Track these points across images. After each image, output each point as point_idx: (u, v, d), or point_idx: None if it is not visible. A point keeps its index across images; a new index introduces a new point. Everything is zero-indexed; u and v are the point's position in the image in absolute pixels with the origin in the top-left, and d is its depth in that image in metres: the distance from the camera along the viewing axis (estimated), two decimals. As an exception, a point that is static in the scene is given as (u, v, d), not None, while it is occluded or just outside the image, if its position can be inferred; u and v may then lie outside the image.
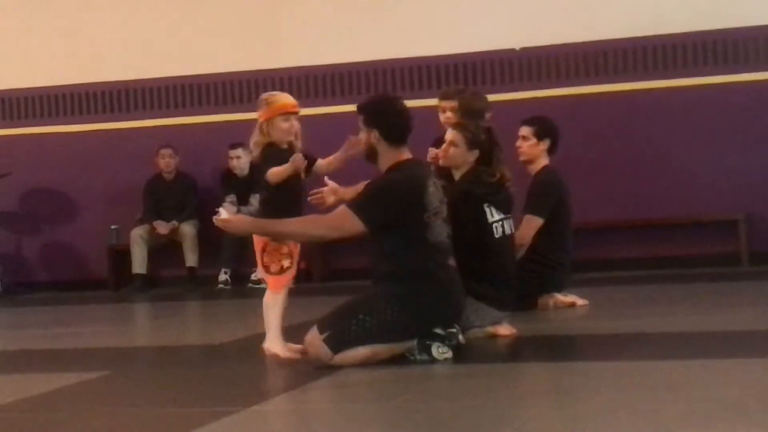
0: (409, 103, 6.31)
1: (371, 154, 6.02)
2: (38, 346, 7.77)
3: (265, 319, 6.22)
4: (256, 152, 6.28)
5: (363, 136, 6.03)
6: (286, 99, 6.30)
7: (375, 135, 5.95)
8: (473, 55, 11.66)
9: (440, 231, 5.94)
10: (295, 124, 6.28)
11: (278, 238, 6.08)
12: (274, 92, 6.47)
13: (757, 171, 11.08)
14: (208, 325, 9.31)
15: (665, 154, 11.27)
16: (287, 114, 6.23)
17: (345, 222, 5.87)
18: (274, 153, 6.19)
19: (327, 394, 5.47)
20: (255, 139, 6.25)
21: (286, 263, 6.18)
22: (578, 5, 11.55)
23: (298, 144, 6.32)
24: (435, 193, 5.96)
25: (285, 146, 6.24)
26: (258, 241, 6.23)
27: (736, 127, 11.14)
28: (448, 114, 7.80)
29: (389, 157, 5.98)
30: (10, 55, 12.82)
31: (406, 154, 6.01)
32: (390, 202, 5.85)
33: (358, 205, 5.89)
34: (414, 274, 5.82)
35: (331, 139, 12.10)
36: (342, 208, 5.94)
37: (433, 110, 8.06)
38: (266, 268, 6.21)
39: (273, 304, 6.20)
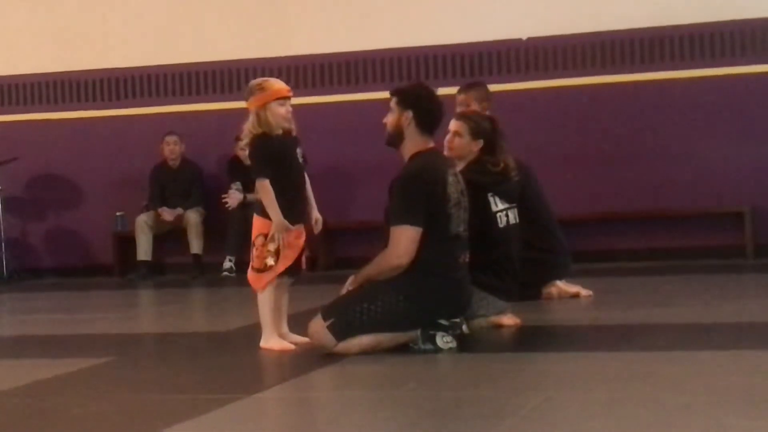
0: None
1: (397, 137, 6.00)
2: (43, 332, 7.79)
3: (260, 317, 6.23)
4: (246, 141, 6.22)
5: (392, 118, 6.01)
6: (280, 84, 6.24)
7: (408, 117, 5.95)
8: (480, 45, 11.65)
9: (459, 223, 5.96)
10: (290, 110, 6.23)
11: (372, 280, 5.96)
12: (265, 78, 6.40)
13: (763, 164, 11.07)
14: (212, 313, 9.32)
15: (671, 145, 11.26)
16: (283, 99, 6.19)
17: (404, 240, 5.79)
18: (262, 147, 6.12)
19: (331, 382, 5.48)
20: (249, 126, 6.16)
21: (270, 261, 6.09)
22: (585, -4, 11.55)
23: (293, 128, 6.27)
24: (454, 184, 5.97)
25: (279, 131, 6.19)
26: (253, 231, 6.20)
27: (743, 120, 11.13)
28: (463, 108, 7.78)
29: (415, 142, 5.98)
30: (16, 41, 12.82)
31: (430, 144, 6.03)
32: (421, 195, 5.84)
33: (401, 216, 5.83)
34: (425, 268, 5.81)
35: (338, 127, 12.16)
36: (392, 230, 5.83)
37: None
38: (251, 262, 6.18)
39: (262, 304, 6.19)
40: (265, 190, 6.10)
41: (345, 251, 11.79)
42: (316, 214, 6.33)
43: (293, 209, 6.16)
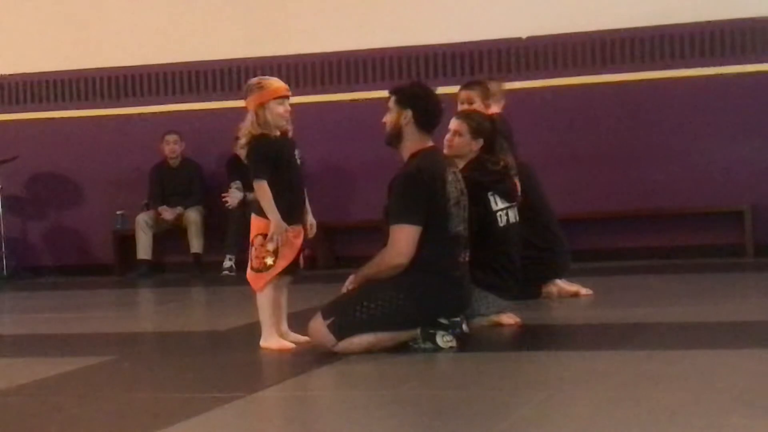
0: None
1: (396, 136, 6.00)
2: (43, 331, 7.78)
3: (259, 317, 6.23)
4: (243, 141, 6.20)
5: (391, 117, 6.01)
6: (278, 83, 6.23)
7: (407, 116, 5.95)
8: (479, 44, 11.64)
9: (458, 222, 5.95)
10: (288, 108, 6.23)
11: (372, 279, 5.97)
12: (264, 77, 6.39)
13: (763, 162, 11.06)
14: (212, 312, 9.31)
15: (671, 144, 11.25)
16: (281, 98, 6.18)
17: (404, 239, 5.80)
18: (261, 148, 6.12)
19: (330, 381, 5.48)
20: (248, 126, 6.16)
21: (269, 261, 6.09)
22: (585, -6, 11.55)
23: (289, 128, 6.26)
24: (454, 182, 5.97)
25: (277, 133, 6.19)
26: (251, 231, 6.20)
27: (743, 118, 11.12)
28: (465, 106, 7.76)
29: (414, 141, 5.98)
30: (17, 40, 12.81)
31: (429, 143, 6.03)
32: (421, 194, 5.84)
33: (400, 215, 5.84)
34: (425, 267, 5.81)
35: (337, 126, 12.15)
36: (392, 229, 5.85)
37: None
38: (249, 262, 6.19)
39: (261, 303, 6.19)
40: (262, 191, 6.10)
41: (344, 250, 11.78)
42: (310, 219, 6.32)
43: (291, 210, 6.16)
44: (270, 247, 6.08)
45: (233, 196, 11.61)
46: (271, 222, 6.06)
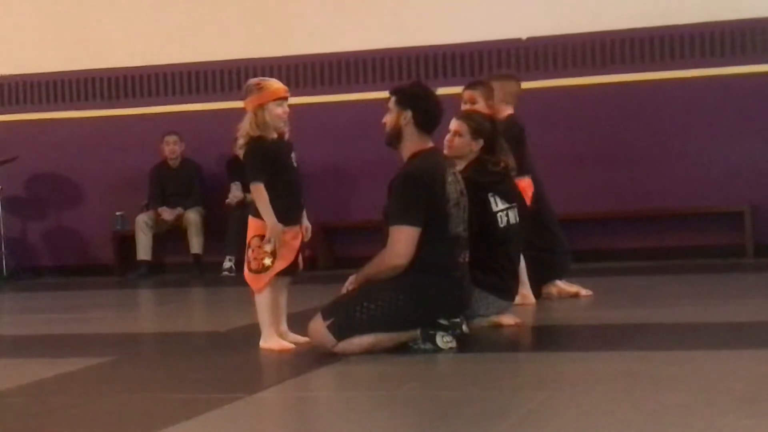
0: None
1: (396, 136, 6.00)
2: (43, 331, 7.78)
3: (258, 318, 6.23)
4: (242, 141, 6.20)
5: (391, 118, 6.01)
6: (278, 84, 6.22)
7: (407, 116, 5.95)
8: (479, 45, 11.64)
9: (458, 222, 5.95)
10: (287, 110, 6.22)
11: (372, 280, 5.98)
12: (263, 78, 6.38)
13: (763, 162, 11.07)
14: (212, 312, 9.31)
15: (671, 145, 11.26)
16: (280, 99, 6.17)
17: (403, 240, 5.80)
18: (258, 150, 6.11)
19: (330, 382, 5.48)
20: (246, 127, 6.16)
21: (267, 262, 6.09)
22: (585, -5, 11.55)
23: (286, 130, 6.25)
24: (453, 183, 5.97)
25: (275, 134, 6.18)
26: (248, 233, 6.19)
27: (743, 119, 11.13)
28: (468, 106, 7.73)
29: (414, 142, 5.98)
30: (17, 40, 12.82)
31: (429, 144, 6.03)
32: (420, 195, 5.84)
33: (399, 216, 5.85)
34: (425, 268, 5.81)
35: (338, 126, 12.14)
36: (391, 230, 5.85)
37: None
38: (247, 263, 6.18)
39: (260, 304, 6.18)
40: (259, 193, 6.10)
41: (344, 251, 11.79)
42: (305, 222, 6.31)
43: (289, 212, 6.15)
44: (268, 248, 6.08)
45: (233, 195, 11.63)
46: (267, 224, 6.06)
